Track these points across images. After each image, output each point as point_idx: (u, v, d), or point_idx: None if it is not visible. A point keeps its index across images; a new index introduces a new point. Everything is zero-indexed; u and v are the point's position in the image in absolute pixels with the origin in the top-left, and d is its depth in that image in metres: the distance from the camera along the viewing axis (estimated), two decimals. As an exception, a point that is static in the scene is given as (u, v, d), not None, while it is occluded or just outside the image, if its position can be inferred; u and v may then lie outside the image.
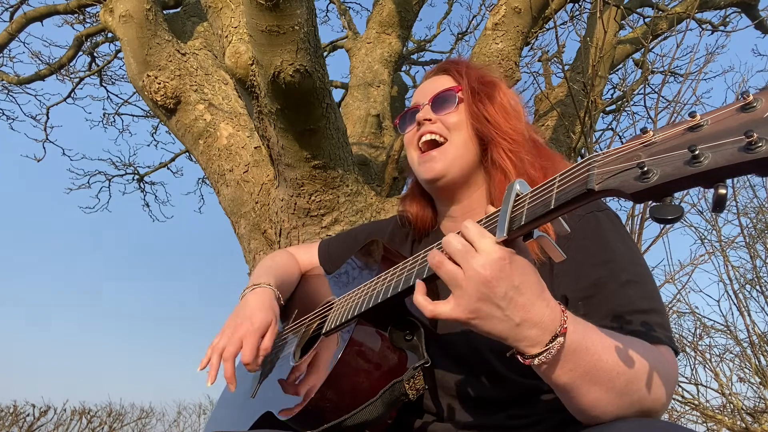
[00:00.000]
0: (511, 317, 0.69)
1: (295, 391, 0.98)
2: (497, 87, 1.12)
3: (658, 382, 0.74)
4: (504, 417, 0.91)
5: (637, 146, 0.58)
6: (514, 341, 0.70)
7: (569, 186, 0.64)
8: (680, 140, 0.54)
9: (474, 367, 0.93)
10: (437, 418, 0.95)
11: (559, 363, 0.70)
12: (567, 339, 0.69)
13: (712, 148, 0.50)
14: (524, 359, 0.71)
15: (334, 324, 1.01)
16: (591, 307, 0.87)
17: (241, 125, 2.70)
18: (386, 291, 0.91)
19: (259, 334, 1.04)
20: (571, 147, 3.38)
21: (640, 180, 0.54)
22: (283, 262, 1.33)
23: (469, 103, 1.08)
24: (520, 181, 0.74)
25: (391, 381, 0.88)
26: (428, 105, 1.10)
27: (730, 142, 0.49)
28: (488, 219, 0.75)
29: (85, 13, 4.30)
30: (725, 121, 0.51)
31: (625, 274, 0.88)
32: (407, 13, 3.51)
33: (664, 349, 0.81)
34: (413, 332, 0.94)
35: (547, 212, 0.65)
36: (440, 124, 1.08)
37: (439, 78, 1.16)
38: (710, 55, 3.81)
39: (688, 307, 4.96)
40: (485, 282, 0.68)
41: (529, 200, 0.69)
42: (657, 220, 0.54)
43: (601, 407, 0.73)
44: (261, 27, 1.71)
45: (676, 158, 0.52)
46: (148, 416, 12.12)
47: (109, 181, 6.10)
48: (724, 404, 4.58)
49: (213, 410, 1.35)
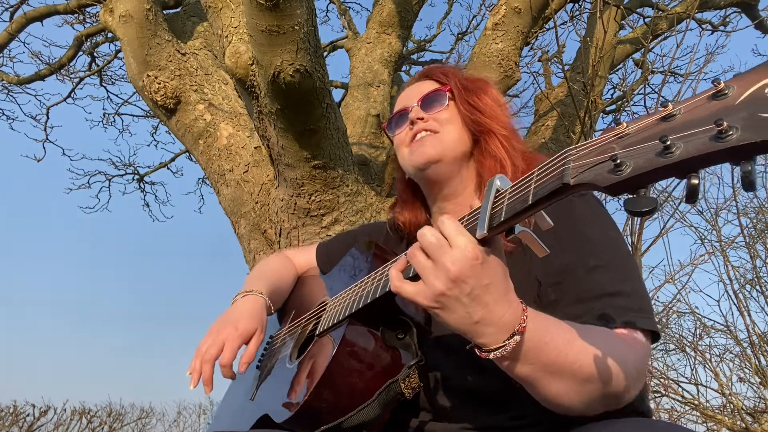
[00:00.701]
0: (471, 314, 0.70)
1: (290, 392, 0.98)
2: (485, 83, 1.15)
3: (616, 369, 0.76)
4: (503, 417, 0.91)
5: (611, 138, 0.57)
6: (472, 337, 0.73)
7: (546, 181, 0.63)
8: (653, 131, 0.53)
9: (468, 364, 0.93)
10: (433, 417, 0.95)
11: (517, 358, 0.73)
12: (524, 337, 0.72)
13: (683, 138, 0.49)
14: (481, 352, 0.73)
15: (327, 325, 1.01)
16: (560, 293, 0.89)
17: (241, 125, 2.70)
18: (375, 290, 0.90)
19: (241, 339, 1.04)
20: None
21: (614, 173, 0.53)
22: (277, 266, 1.34)
23: (461, 98, 1.10)
24: (500, 177, 0.73)
25: (385, 380, 0.88)
26: (417, 105, 1.11)
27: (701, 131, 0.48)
28: (470, 216, 0.76)
29: (85, 13, 4.30)
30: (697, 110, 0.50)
31: (594, 260, 0.89)
32: (407, 13, 3.51)
33: (629, 333, 0.83)
34: (405, 331, 0.94)
35: (526, 208, 0.64)
36: (432, 122, 1.09)
37: (423, 83, 1.17)
38: (710, 55, 3.82)
39: (688, 307, 4.96)
40: (453, 278, 0.69)
41: (508, 196, 0.69)
42: (632, 213, 0.54)
43: (565, 397, 0.76)
44: (261, 27, 1.71)
45: (648, 149, 0.52)
46: (148, 416, 12.13)
47: (109, 181, 6.12)
48: (724, 404, 4.58)
49: (216, 411, 1.35)
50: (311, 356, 1.01)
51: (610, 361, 0.76)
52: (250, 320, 1.08)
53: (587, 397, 0.77)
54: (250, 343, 1.06)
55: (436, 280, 0.70)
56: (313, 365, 0.98)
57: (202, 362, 1.00)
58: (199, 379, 1.00)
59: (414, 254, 0.74)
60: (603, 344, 0.77)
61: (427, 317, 0.98)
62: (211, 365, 1.01)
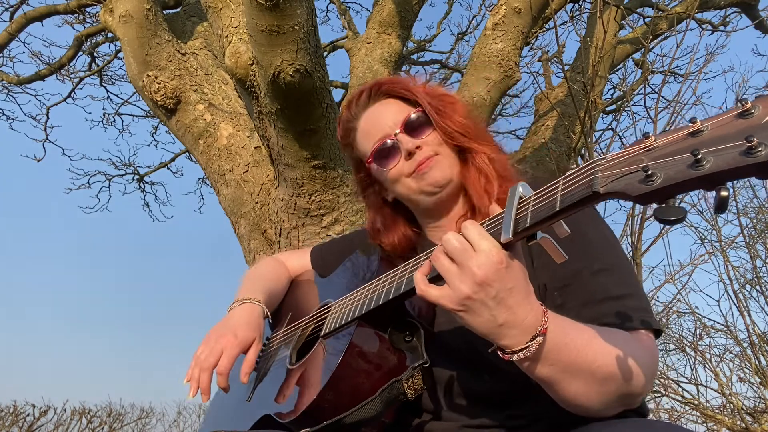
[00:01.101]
0: (496, 317, 0.72)
1: (294, 393, 0.98)
2: (449, 96, 1.11)
3: (636, 369, 0.78)
4: (503, 416, 0.91)
5: (639, 151, 0.60)
6: (495, 339, 0.74)
7: (574, 189, 0.65)
8: (682, 145, 0.56)
9: (471, 366, 0.93)
10: (435, 417, 0.96)
11: (539, 360, 0.74)
12: (546, 338, 0.73)
13: (713, 152, 0.52)
14: (504, 354, 0.74)
15: (333, 326, 1.01)
16: (567, 297, 0.90)
17: (241, 125, 2.70)
18: (386, 293, 0.91)
19: (240, 348, 1.04)
20: (571, 147, 3.39)
21: (645, 183, 0.56)
22: (271, 271, 1.33)
23: (437, 122, 1.05)
24: (523, 184, 0.75)
25: (390, 378, 0.89)
26: (403, 134, 1.05)
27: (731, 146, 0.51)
28: (491, 221, 0.77)
29: (85, 13, 4.30)
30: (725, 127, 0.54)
31: (598, 263, 0.90)
32: (407, 13, 3.51)
33: (640, 334, 0.85)
34: (413, 333, 0.95)
35: (553, 214, 0.67)
36: (426, 148, 1.05)
37: (387, 104, 1.10)
38: (710, 55, 3.82)
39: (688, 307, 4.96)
40: (480, 282, 0.70)
41: (533, 203, 0.71)
42: (661, 221, 0.56)
43: (584, 397, 0.77)
44: (261, 27, 1.71)
45: (679, 162, 0.55)
46: (148, 416, 12.13)
47: (109, 181, 6.12)
48: (724, 404, 4.58)
49: (208, 411, 1.34)
50: (315, 357, 1.01)
51: (629, 360, 0.77)
52: (249, 329, 1.08)
53: (606, 397, 0.78)
54: (249, 351, 1.06)
55: (461, 284, 0.71)
56: (317, 366, 0.98)
57: (200, 371, 1.00)
58: (197, 389, 1.00)
59: (438, 258, 0.75)
60: (620, 344, 0.78)
61: (430, 319, 0.99)
62: (209, 374, 1.01)
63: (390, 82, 1.12)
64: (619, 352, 0.77)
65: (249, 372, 1.05)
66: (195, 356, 1.04)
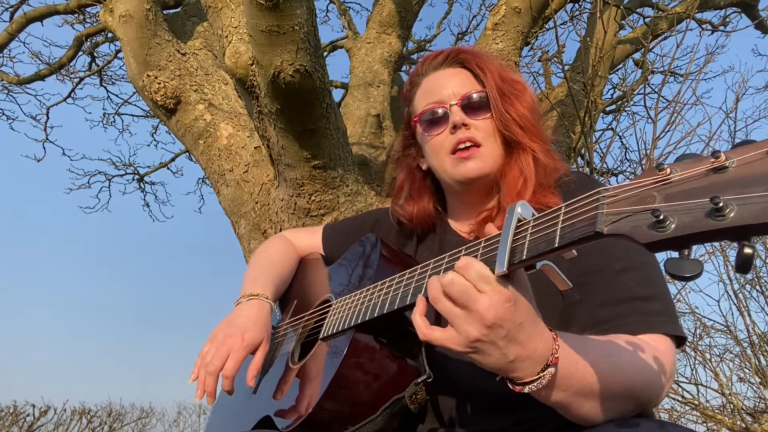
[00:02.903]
0: (507, 355, 0.68)
1: (292, 397, 0.97)
2: (521, 84, 1.07)
3: (652, 378, 0.76)
4: (507, 422, 0.90)
5: (651, 185, 0.52)
6: (506, 373, 0.70)
7: (575, 223, 0.59)
8: (701, 183, 0.47)
9: (475, 372, 0.92)
10: (440, 424, 0.94)
11: (552, 387, 0.71)
12: (558, 368, 0.70)
13: (739, 200, 0.43)
14: (513, 386, 0.71)
15: (331, 330, 0.98)
16: (585, 293, 0.86)
17: (241, 125, 2.70)
18: (384, 305, 0.87)
19: (247, 351, 1.02)
20: (571, 147, 3.38)
21: (655, 228, 0.49)
22: (279, 254, 1.29)
23: (497, 108, 1.03)
24: (522, 204, 0.69)
25: (391, 394, 0.86)
26: (458, 107, 1.04)
27: (761, 195, 0.42)
28: (487, 245, 0.72)
29: (85, 13, 4.30)
30: (755, 165, 0.44)
31: (621, 262, 0.86)
32: (407, 13, 3.51)
33: (657, 340, 0.81)
34: (413, 343, 0.91)
35: (550, 250, 0.60)
36: (474, 130, 1.03)
37: (457, 72, 1.09)
38: (710, 55, 3.82)
39: (688, 307, 4.96)
40: (489, 325, 0.66)
41: (531, 231, 0.65)
42: (672, 276, 0.48)
43: (599, 414, 0.75)
44: (261, 27, 1.71)
45: (695, 207, 0.46)
46: (148, 416, 12.13)
47: (109, 181, 6.12)
48: (724, 404, 4.59)
49: (211, 410, 1.34)
50: (314, 361, 0.99)
51: (642, 373, 0.75)
52: (257, 329, 1.05)
53: (618, 412, 0.76)
54: (257, 354, 1.04)
55: (469, 327, 0.67)
56: (316, 373, 0.95)
57: (207, 374, 0.98)
58: (204, 392, 0.98)
59: (439, 300, 0.70)
60: (634, 359, 0.76)
61: None
62: (215, 378, 0.98)
63: (469, 53, 1.10)
64: (631, 366, 0.75)
65: (256, 375, 1.03)
66: (201, 355, 1.02)
